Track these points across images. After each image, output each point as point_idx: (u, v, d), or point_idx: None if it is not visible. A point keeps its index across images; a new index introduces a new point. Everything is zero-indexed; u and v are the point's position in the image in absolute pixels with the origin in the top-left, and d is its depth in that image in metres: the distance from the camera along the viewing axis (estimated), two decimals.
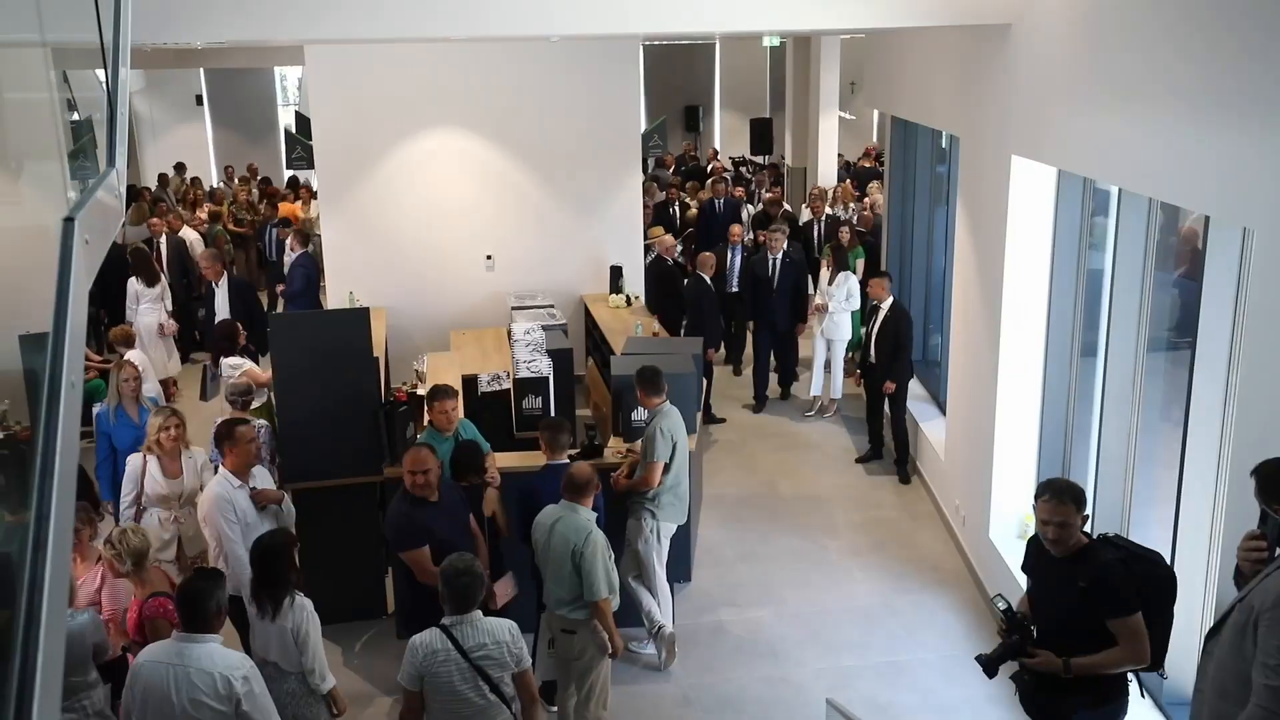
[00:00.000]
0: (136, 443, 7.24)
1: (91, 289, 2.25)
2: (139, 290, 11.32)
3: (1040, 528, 4.57)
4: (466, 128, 11.55)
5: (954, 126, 8.74)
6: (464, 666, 4.56)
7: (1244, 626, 3.58)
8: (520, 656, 4.68)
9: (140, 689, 4.34)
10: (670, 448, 6.75)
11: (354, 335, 7.31)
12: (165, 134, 22.08)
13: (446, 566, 4.70)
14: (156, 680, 4.31)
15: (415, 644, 4.62)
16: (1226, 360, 5.03)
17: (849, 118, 20.99)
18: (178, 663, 4.32)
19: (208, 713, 4.27)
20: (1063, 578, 4.53)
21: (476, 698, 4.59)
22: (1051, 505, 4.51)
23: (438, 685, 4.57)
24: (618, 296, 11.48)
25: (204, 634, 4.40)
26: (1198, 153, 4.60)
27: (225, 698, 4.27)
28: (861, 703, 6.36)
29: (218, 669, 4.29)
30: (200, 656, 4.33)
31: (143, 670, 4.37)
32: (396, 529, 5.84)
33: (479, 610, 4.69)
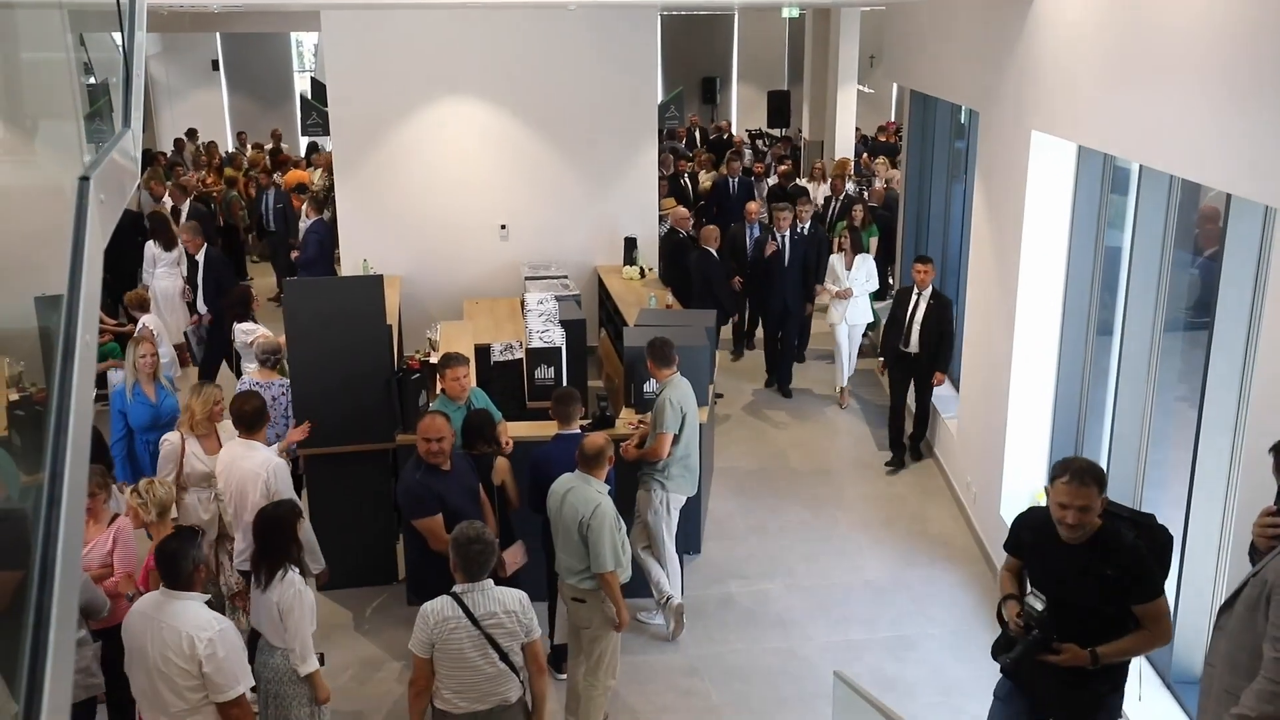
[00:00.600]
0: (153, 421, 7.21)
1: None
2: (156, 254, 11.34)
3: (1057, 512, 4.15)
4: (482, 96, 11.51)
5: (973, 101, 8.66)
6: (475, 634, 4.59)
7: (1257, 601, 3.53)
8: (530, 627, 4.70)
9: (127, 638, 4.51)
10: (679, 419, 6.75)
11: (367, 303, 7.31)
12: (181, 99, 22.06)
13: (458, 534, 4.72)
14: (138, 631, 4.45)
15: (427, 611, 4.65)
16: (1244, 340, 5.00)
17: (867, 91, 20.83)
18: (155, 616, 4.42)
19: (174, 669, 4.36)
20: (1081, 565, 4.17)
21: (486, 665, 4.62)
22: (1072, 487, 4.09)
23: (448, 652, 4.60)
24: (631, 268, 11.45)
25: (184, 592, 4.47)
26: (1221, 129, 4.55)
27: (189, 657, 4.34)
28: (869, 676, 6.38)
29: (186, 628, 4.35)
30: (176, 613, 4.40)
31: (130, 620, 4.53)
32: (409, 497, 5.85)
33: (490, 579, 4.71)
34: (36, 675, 1.46)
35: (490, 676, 4.65)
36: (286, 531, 5.01)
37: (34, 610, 1.53)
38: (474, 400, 6.83)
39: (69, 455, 1.64)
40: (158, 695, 4.41)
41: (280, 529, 5.01)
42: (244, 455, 5.99)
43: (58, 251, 2.01)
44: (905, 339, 9.17)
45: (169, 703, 4.39)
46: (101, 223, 2.07)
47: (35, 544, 1.58)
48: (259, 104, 22.88)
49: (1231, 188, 4.58)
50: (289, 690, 4.97)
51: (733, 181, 14.66)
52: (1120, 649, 4.23)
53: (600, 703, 5.89)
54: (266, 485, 5.87)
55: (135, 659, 4.46)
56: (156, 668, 4.37)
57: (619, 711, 6.30)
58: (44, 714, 1.43)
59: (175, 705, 4.40)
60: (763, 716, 6.29)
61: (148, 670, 4.40)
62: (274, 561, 4.95)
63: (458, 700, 4.67)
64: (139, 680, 4.49)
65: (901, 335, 9.22)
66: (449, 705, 4.69)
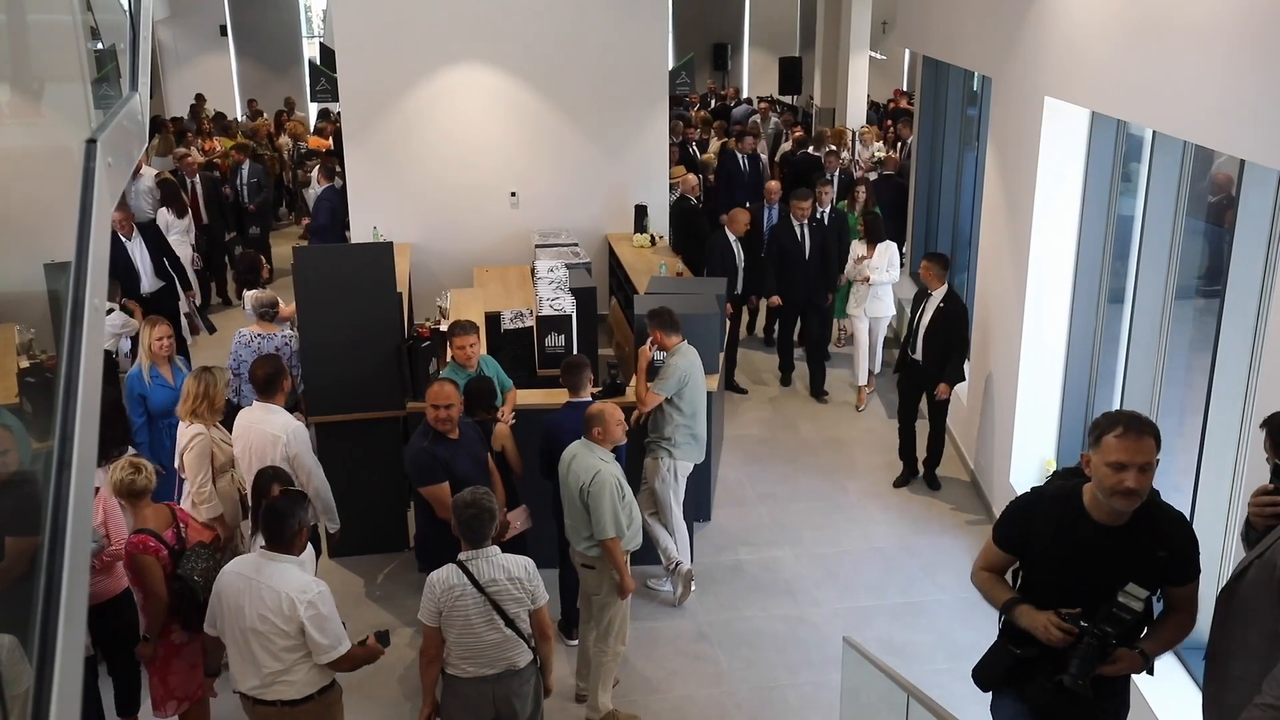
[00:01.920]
0: (174, 404, 7.03)
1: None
2: (169, 221, 11.35)
3: (1110, 478, 3.38)
4: (492, 62, 11.44)
5: (986, 67, 8.58)
6: (480, 600, 4.63)
7: (1267, 584, 3.35)
8: (535, 594, 4.74)
9: (218, 597, 4.59)
10: (678, 385, 6.74)
11: (378, 270, 7.31)
12: (189, 65, 21.96)
13: (456, 500, 4.77)
14: (233, 591, 4.54)
15: (433, 580, 4.69)
16: (1256, 308, 4.96)
17: (880, 58, 20.64)
18: (254, 577, 4.52)
19: (272, 628, 4.47)
20: (1124, 549, 3.51)
21: (492, 631, 4.66)
22: (1129, 441, 3.37)
23: (454, 619, 4.64)
24: (642, 236, 11.42)
25: (283, 554, 4.57)
26: (1235, 94, 4.50)
27: (289, 618, 4.44)
28: (878, 642, 6.41)
29: (286, 589, 4.45)
30: (274, 574, 4.50)
31: (224, 580, 4.61)
32: (417, 465, 5.87)
33: (496, 546, 4.74)
34: (48, 639, 1.47)
35: (497, 642, 4.69)
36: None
37: (45, 574, 1.54)
38: (484, 368, 6.84)
39: (79, 419, 1.65)
40: (251, 655, 4.51)
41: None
42: (261, 419, 6.00)
43: (67, 221, 2.01)
44: (911, 343, 8.44)
45: (263, 662, 4.50)
46: (109, 185, 2.06)
47: (46, 507, 1.59)
48: (268, 70, 22.78)
49: (1245, 153, 4.53)
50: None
51: (743, 157, 13.62)
52: (1168, 641, 3.70)
53: (610, 668, 5.94)
54: (285, 448, 5.89)
55: (230, 619, 4.54)
56: (253, 628, 4.47)
57: (629, 677, 6.35)
58: (56, 677, 1.44)
59: (270, 665, 4.51)
60: (772, 682, 6.33)
61: (243, 630, 4.50)
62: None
63: (466, 665, 4.72)
64: (232, 640, 4.58)
65: (908, 338, 8.54)
66: (459, 670, 4.74)
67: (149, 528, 5.17)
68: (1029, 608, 3.66)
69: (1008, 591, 3.78)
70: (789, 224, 10.09)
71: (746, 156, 13.61)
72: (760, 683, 6.33)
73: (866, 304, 9.92)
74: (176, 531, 5.24)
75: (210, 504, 6.02)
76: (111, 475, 5.26)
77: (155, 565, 5.06)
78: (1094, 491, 3.51)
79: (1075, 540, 3.57)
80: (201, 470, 6.03)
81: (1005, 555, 3.83)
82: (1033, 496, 3.83)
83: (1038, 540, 3.67)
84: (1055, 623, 3.54)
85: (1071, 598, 3.58)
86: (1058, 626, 3.54)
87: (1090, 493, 3.55)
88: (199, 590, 5.07)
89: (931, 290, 8.28)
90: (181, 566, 5.09)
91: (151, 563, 5.06)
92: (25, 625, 1.52)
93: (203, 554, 5.23)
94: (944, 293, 8.21)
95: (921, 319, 8.29)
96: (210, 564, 5.22)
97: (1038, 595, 3.68)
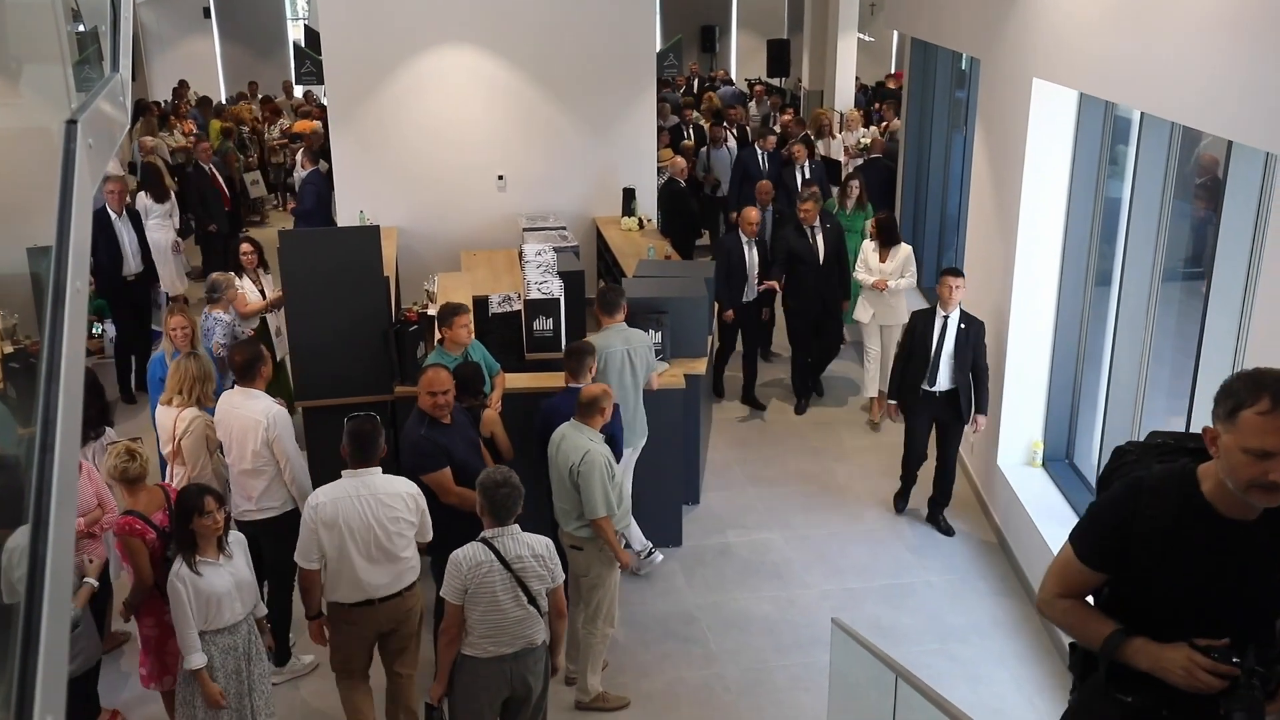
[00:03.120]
0: None
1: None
2: (148, 205, 11.26)
3: (1248, 469, 2.54)
4: (479, 45, 11.37)
5: (975, 48, 8.57)
6: (506, 577, 4.67)
7: None
8: (555, 572, 4.81)
9: (329, 522, 5.03)
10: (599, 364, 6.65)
11: (365, 254, 7.27)
12: (172, 47, 21.80)
13: (485, 479, 4.78)
14: (349, 510, 5.05)
15: (459, 558, 4.70)
16: (1242, 290, 4.98)
17: (868, 40, 20.60)
18: (366, 493, 5.09)
19: (404, 525, 5.14)
20: (1261, 551, 2.70)
21: (515, 608, 4.71)
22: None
23: (480, 596, 4.67)
24: (630, 219, 11.39)
25: (373, 468, 5.17)
26: (1223, 76, 4.50)
27: (415, 509, 5.19)
28: (866, 624, 6.43)
29: (401, 490, 5.17)
30: (381, 484, 5.14)
31: (328, 508, 5.05)
32: (417, 452, 5.80)
33: (517, 525, 4.78)
34: (33, 623, 1.46)
35: (519, 619, 4.74)
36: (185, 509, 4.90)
37: (30, 556, 1.53)
38: (471, 353, 6.82)
39: (61, 402, 1.63)
40: (385, 555, 5.11)
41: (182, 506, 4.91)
42: (242, 404, 5.96)
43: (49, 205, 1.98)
44: (931, 375, 7.38)
45: (399, 553, 5.14)
46: (90, 167, 2.04)
47: (29, 490, 1.57)
48: (252, 52, 22.62)
49: (1233, 135, 4.54)
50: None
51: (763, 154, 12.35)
52: None
53: (599, 650, 5.95)
54: (267, 432, 5.86)
55: (358, 534, 5.04)
56: (384, 528, 5.06)
57: (619, 659, 6.36)
58: (41, 660, 1.43)
59: (405, 553, 5.17)
60: (761, 664, 6.36)
61: (373, 538, 5.05)
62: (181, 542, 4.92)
63: (487, 644, 4.75)
64: (358, 553, 5.05)
65: (925, 370, 7.39)
66: (478, 650, 4.76)
67: (139, 510, 5.19)
68: (1146, 641, 2.77)
69: (1107, 623, 2.86)
70: (799, 229, 9.33)
71: (767, 154, 12.40)
72: (749, 664, 6.35)
73: (878, 310, 9.12)
74: (169, 514, 5.23)
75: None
76: (106, 462, 5.29)
77: (142, 548, 5.09)
78: (1218, 477, 2.67)
79: (1197, 544, 2.72)
80: (201, 454, 6.09)
81: (1094, 574, 2.91)
82: (1126, 492, 2.86)
83: (1143, 549, 2.79)
84: (1204, 663, 2.64)
85: (1198, 621, 2.73)
86: (1207, 668, 2.63)
87: (1213, 478, 2.70)
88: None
89: (946, 310, 7.34)
90: (171, 549, 5.08)
91: (139, 545, 5.09)
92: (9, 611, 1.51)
93: None
94: (959, 312, 7.36)
95: (944, 344, 7.31)
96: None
97: (1144, 621, 2.81)
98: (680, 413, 7.34)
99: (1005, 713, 5.90)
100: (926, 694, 4.08)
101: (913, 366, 7.44)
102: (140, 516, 5.15)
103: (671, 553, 7.44)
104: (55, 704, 1.42)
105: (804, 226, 9.29)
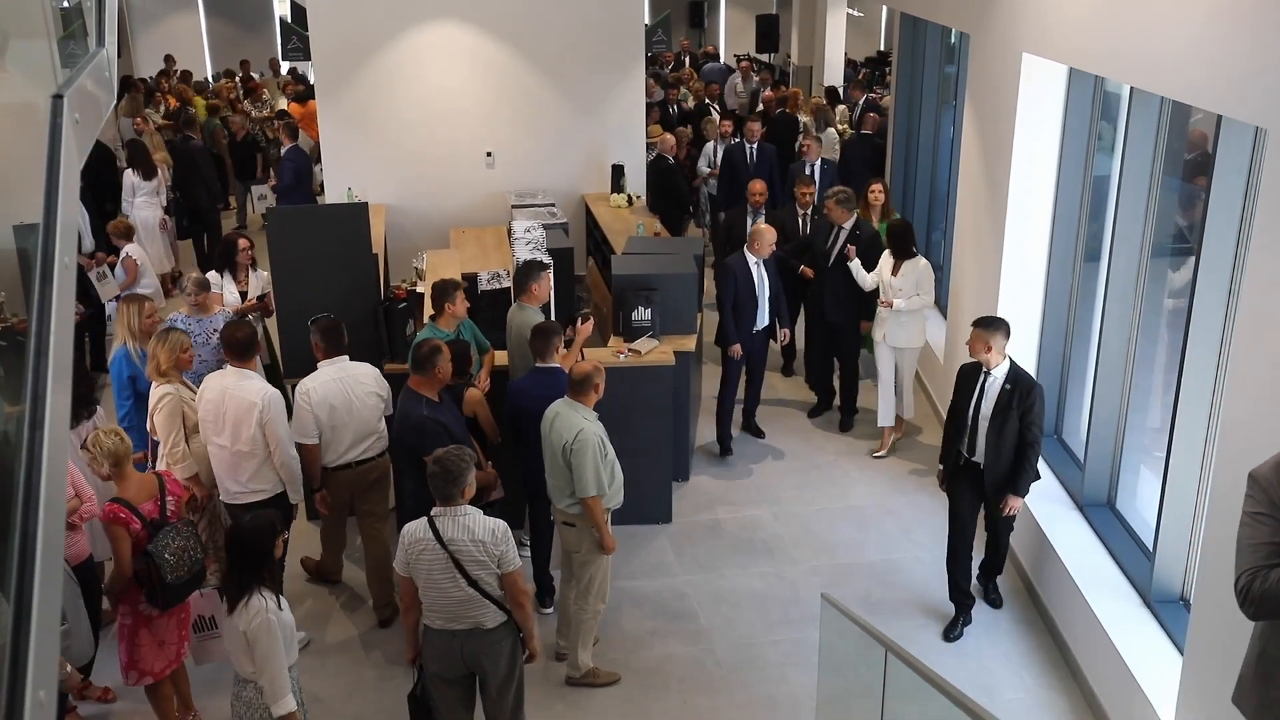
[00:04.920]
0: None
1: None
2: (135, 183, 11.20)
3: None
4: (466, 19, 11.29)
5: (964, 23, 8.54)
6: (443, 556, 4.69)
7: None
8: (502, 559, 4.72)
9: (318, 403, 6.08)
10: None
11: (353, 231, 7.25)
12: (158, 23, 21.61)
13: (430, 459, 4.81)
14: (331, 391, 6.12)
15: (405, 531, 4.84)
16: (1231, 264, 4.99)
17: (857, 15, 20.52)
18: (342, 375, 6.19)
19: (374, 400, 6.27)
20: None
21: (454, 589, 4.72)
22: None
23: (419, 572, 4.75)
24: (619, 196, 11.35)
25: (342, 355, 6.23)
26: (1212, 50, 4.50)
27: (383, 386, 6.33)
28: (855, 599, 6.47)
29: (367, 373, 6.28)
30: (351, 368, 6.25)
31: (316, 391, 6.10)
32: (421, 433, 5.77)
33: (469, 506, 4.77)
34: (24, 600, 1.45)
35: (460, 600, 4.73)
36: (260, 548, 4.46)
37: (19, 534, 1.52)
38: (462, 330, 6.80)
39: (50, 378, 1.63)
40: (363, 420, 6.24)
41: (252, 546, 4.45)
42: (237, 385, 5.89)
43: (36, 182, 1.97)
44: (970, 441, 6.19)
45: (373, 419, 6.28)
46: (77, 142, 2.02)
47: (19, 467, 1.57)
48: (238, 28, 22.43)
49: (1222, 109, 4.54)
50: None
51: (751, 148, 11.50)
52: None
53: (590, 626, 5.97)
54: (261, 414, 5.83)
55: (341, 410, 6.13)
56: (363, 402, 6.21)
57: (610, 635, 6.39)
58: (33, 638, 1.43)
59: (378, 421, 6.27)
60: (751, 639, 6.39)
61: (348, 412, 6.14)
62: (240, 582, 4.42)
63: (435, 617, 4.84)
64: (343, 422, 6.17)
65: (963, 434, 6.24)
66: (429, 620, 4.87)
67: (126, 498, 5.09)
68: None
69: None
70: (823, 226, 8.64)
71: (754, 147, 11.42)
72: (739, 640, 6.39)
73: (888, 330, 8.20)
74: (161, 505, 5.16)
75: (184, 464, 6.01)
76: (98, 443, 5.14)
77: (124, 536, 5.00)
78: None
79: None
80: (173, 429, 6.01)
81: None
82: None
83: None
84: None
85: None
86: None
87: None
88: (167, 569, 4.98)
89: (990, 367, 6.11)
90: (155, 542, 4.99)
91: (121, 533, 5.00)
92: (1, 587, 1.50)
93: (184, 532, 5.13)
94: (1007, 368, 6.08)
95: (981, 408, 6.12)
96: (188, 543, 5.12)
97: None
98: (670, 390, 7.34)
99: (994, 687, 5.95)
100: (916, 668, 4.10)
101: (953, 431, 6.32)
102: (127, 505, 5.07)
103: (662, 529, 7.46)
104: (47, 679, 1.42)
105: (830, 227, 8.49)
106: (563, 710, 5.87)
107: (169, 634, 5.26)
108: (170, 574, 5.01)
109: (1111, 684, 5.53)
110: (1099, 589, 5.89)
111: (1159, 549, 5.57)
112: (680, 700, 5.94)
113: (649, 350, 7.36)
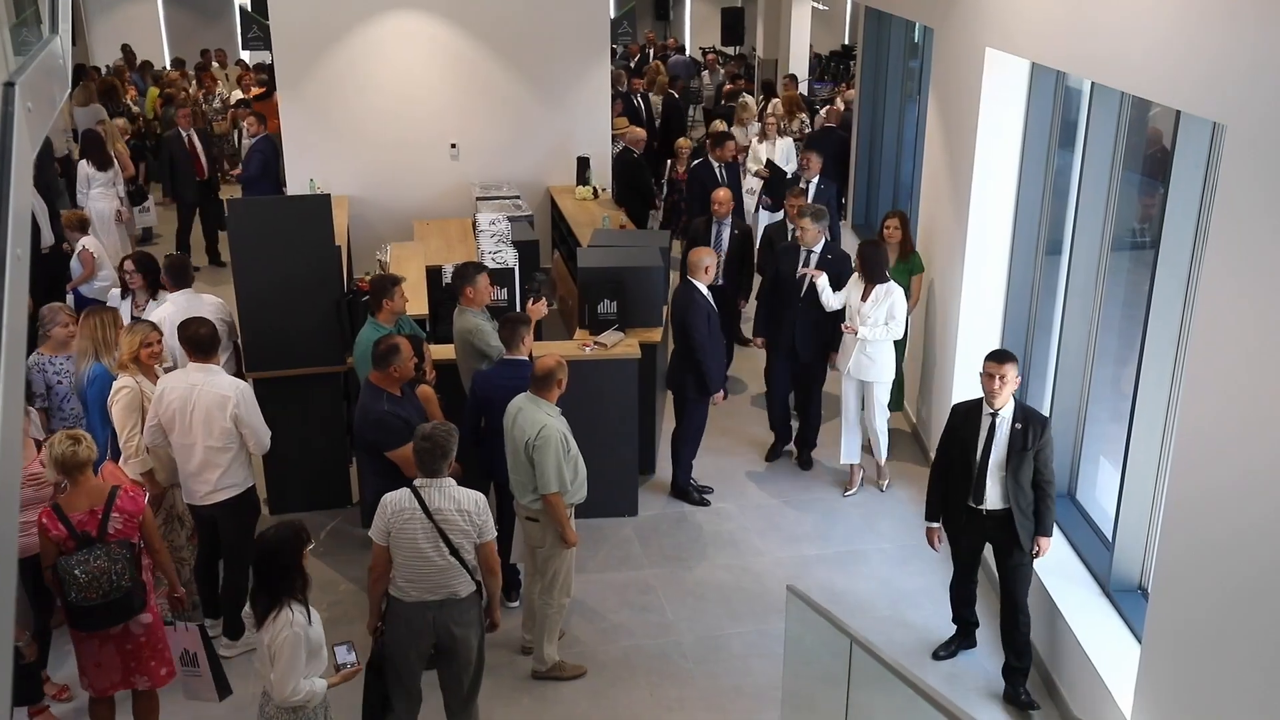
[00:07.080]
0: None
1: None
2: (90, 174, 11.01)
3: None
4: (431, 10, 11.21)
5: (928, 18, 8.58)
6: (428, 526, 4.81)
7: None
8: (483, 528, 4.92)
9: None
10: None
11: (316, 223, 7.17)
12: (114, 10, 21.25)
13: (418, 432, 4.93)
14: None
15: (386, 500, 4.88)
16: (1189, 258, 5.05)
17: (822, 8, 20.58)
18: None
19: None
20: None
21: (437, 558, 4.84)
22: None
23: (402, 542, 4.83)
24: (584, 188, 11.33)
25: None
26: (1173, 46, 4.54)
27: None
28: (820, 590, 6.50)
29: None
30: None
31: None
32: (382, 428, 5.73)
33: (451, 479, 4.92)
34: None
35: (441, 569, 4.86)
36: (286, 560, 4.32)
37: None
38: (401, 325, 6.73)
39: (3, 368, 1.59)
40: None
41: (278, 558, 4.32)
42: (205, 381, 5.75)
43: None
44: (978, 490, 5.64)
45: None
46: (30, 131, 1.98)
47: None
48: (196, 17, 22.12)
49: (1181, 104, 4.59)
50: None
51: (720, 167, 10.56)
52: None
53: (556, 620, 5.96)
54: (235, 409, 5.74)
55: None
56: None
57: (575, 628, 6.38)
58: None
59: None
60: (717, 631, 6.40)
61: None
62: (270, 597, 4.32)
63: (410, 589, 4.90)
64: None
65: (970, 484, 5.67)
66: (401, 593, 4.92)
67: (60, 505, 4.81)
68: None
69: None
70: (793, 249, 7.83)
71: (724, 166, 10.57)
72: (705, 632, 6.40)
73: (852, 363, 7.54)
74: (102, 520, 4.80)
75: (139, 459, 5.89)
76: (52, 449, 4.91)
77: (47, 545, 4.76)
78: None
79: None
80: (129, 422, 5.88)
81: None
82: None
83: None
84: None
85: None
86: None
87: None
88: (72, 586, 4.68)
89: (993, 406, 5.58)
90: (72, 555, 4.69)
91: (44, 541, 4.78)
92: None
93: (115, 555, 4.76)
94: (1012, 405, 5.58)
95: (991, 450, 5.57)
96: (113, 567, 4.74)
97: None
98: (635, 382, 7.33)
99: (958, 675, 6.00)
100: (880, 659, 4.13)
101: (954, 479, 5.75)
102: (57, 510, 4.77)
103: (628, 522, 7.46)
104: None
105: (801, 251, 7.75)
106: (529, 704, 5.86)
107: (105, 657, 4.93)
108: (75, 593, 4.68)
109: (1071, 672, 5.59)
110: (1059, 578, 5.95)
111: (1118, 539, 5.63)
112: (647, 692, 5.94)
113: (615, 343, 7.35)
